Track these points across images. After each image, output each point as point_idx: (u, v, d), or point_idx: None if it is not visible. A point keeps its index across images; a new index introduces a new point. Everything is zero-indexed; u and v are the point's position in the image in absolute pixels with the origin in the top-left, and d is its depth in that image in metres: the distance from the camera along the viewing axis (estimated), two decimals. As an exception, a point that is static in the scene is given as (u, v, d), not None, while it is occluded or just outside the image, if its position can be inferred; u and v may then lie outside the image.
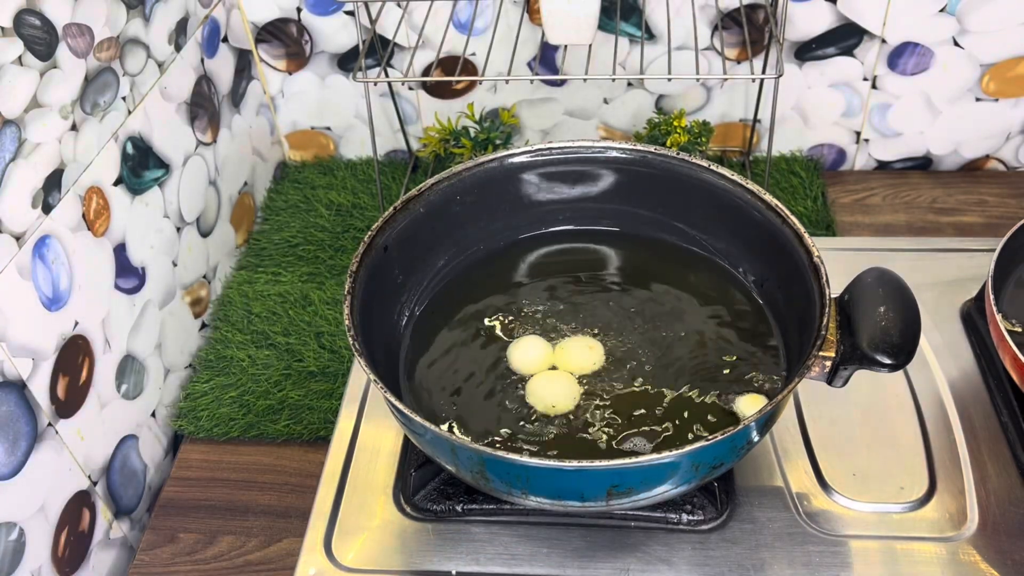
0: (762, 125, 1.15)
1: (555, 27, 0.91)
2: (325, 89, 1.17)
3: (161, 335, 0.93)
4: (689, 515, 0.69)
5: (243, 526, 0.84)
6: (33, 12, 0.72)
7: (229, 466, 0.89)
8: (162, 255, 0.93)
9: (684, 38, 1.06)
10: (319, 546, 0.70)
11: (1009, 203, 1.09)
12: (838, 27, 1.04)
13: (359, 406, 0.81)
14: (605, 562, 0.67)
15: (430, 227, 0.77)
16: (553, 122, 1.18)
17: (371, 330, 0.69)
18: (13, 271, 0.71)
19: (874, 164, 1.17)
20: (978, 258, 0.87)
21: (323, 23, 1.11)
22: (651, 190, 0.79)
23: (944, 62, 1.05)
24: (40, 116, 0.73)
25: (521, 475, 0.59)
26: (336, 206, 1.15)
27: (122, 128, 0.85)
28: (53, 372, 0.75)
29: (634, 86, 1.13)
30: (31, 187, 0.73)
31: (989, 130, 1.11)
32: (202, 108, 1.01)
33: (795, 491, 0.71)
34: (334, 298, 1.02)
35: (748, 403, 0.68)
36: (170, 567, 0.81)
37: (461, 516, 0.71)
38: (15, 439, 0.71)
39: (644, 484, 0.60)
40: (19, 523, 0.71)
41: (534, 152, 0.79)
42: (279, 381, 0.94)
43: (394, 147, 1.23)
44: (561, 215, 0.83)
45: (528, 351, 0.74)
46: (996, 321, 0.75)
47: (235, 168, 1.10)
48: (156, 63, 0.91)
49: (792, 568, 0.66)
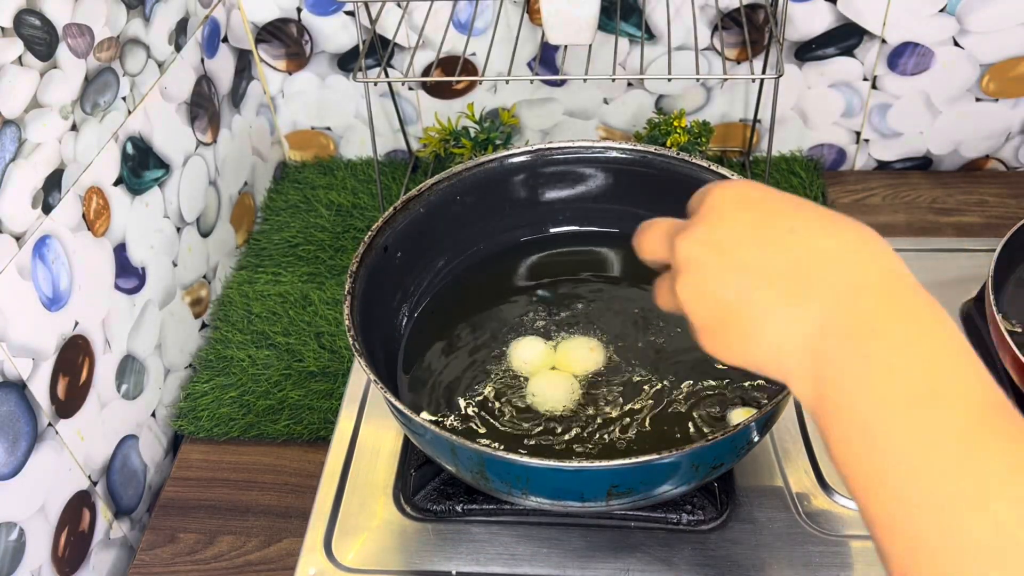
0: (762, 125, 1.15)
1: (555, 27, 0.91)
2: (325, 89, 1.17)
3: (161, 335, 0.93)
4: (689, 515, 0.69)
5: (243, 526, 0.84)
6: (33, 12, 0.72)
7: (229, 466, 0.89)
8: (162, 255, 0.93)
9: (684, 38, 1.06)
10: (319, 546, 0.70)
11: (1009, 203, 1.09)
12: (838, 27, 1.04)
13: (359, 406, 0.81)
14: (605, 562, 0.67)
15: (430, 227, 0.77)
16: (553, 122, 1.18)
17: (371, 330, 0.69)
18: (13, 271, 0.71)
19: (874, 164, 1.17)
20: (978, 258, 0.88)
21: (323, 23, 1.11)
22: (651, 190, 0.79)
23: (944, 62, 1.05)
24: (40, 116, 0.73)
25: (521, 475, 0.59)
26: (336, 206, 1.15)
27: (122, 128, 0.85)
28: (53, 372, 0.75)
29: (634, 86, 1.13)
30: (31, 187, 0.73)
31: (989, 130, 1.11)
32: (202, 108, 1.01)
33: (795, 491, 0.71)
34: (334, 298, 1.02)
35: (742, 415, 0.68)
36: (170, 567, 0.81)
37: (461, 516, 0.71)
38: (15, 439, 0.71)
39: (644, 484, 0.60)
40: (19, 523, 0.71)
41: (534, 152, 0.79)
42: (279, 381, 0.94)
43: (394, 147, 1.23)
44: (561, 215, 0.83)
45: (528, 351, 0.74)
46: (996, 321, 0.75)
47: (235, 168, 1.10)
48: (156, 63, 0.91)
49: (792, 568, 0.66)
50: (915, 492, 0.33)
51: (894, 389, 0.35)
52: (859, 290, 0.38)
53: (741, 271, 0.40)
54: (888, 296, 0.38)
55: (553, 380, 0.72)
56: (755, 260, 0.40)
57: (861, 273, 0.38)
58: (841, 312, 0.37)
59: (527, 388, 0.72)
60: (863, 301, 0.38)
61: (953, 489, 0.33)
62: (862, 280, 0.38)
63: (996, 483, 0.32)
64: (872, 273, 0.39)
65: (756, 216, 0.41)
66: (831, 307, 0.38)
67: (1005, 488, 0.32)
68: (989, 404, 0.35)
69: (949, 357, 0.36)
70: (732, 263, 0.40)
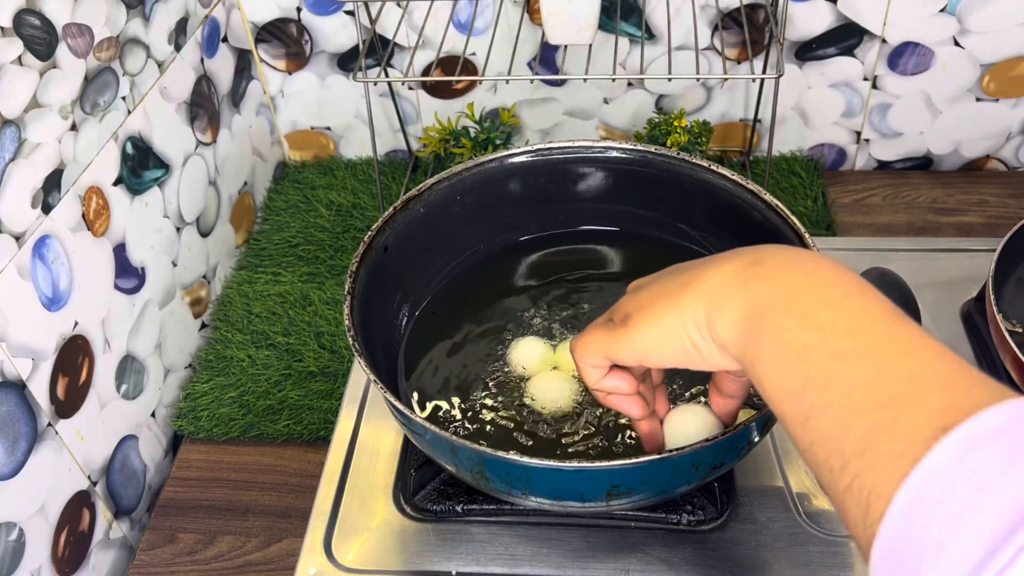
0: (762, 125, 1.15)
1: (555, 27, 0.91)
2: (325, 89, 1.17)
3: (161, 335, 0.93)
4: (689, 515, 0.68)
5: (243, 526, 0.84)
6: (33, 12, 0.72)
7: (229, 466, 0.89)
8: (162, 255, 0.93)
9: (684, 38, 1.06)
10: (319, 546, 0.70)
11: (1009, 203, 1.09)
12: (838, 27, 1.04)
13: (359, 406, 0.81)
14: (605, 563, 0.67)
15: (430, 227, 0.77)
16: (553, 122, 1.18)
17: (371, 330, 0.69)
18: (13, 271, 0.70)
19: (874, 164, 1.17)
20: (978, 258, 0.87)
21: (323, 23, 1.11)
22: (651, 190, 0.79)
23: (944, 62, 1.05)
24: (40, 116, 0.73)
25: (521, 475, 0.59)
26: (336, 206, 1.15)
27: (122, 128, 0.85)
28: (53, 372, 0.75)
29: (634, 86, 1.13)
30: (31, 187, 0.73)
31: (989, 130, 1.11)
32: (202, 108, 1.01)
33: (795, 491, 0.71)
34: (334, 298, 1.02)
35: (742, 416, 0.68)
36: (170, 567, 0.81)
37: (461, 516, 0.71)
38: (15, 439, 0.71)
39: (644, 484, 0.60)
40: (19, 523, 0.71)
41: (534, 152, 0.79)
42: (279, 381, 0.94)
43: (394, 147, 1.23)
44: (561, 215, 0.83)
45: (528, 351, 0.74)
46: (996, 321, 0.75)
47: (235, 168, 1.10)
48: (156, 63, 0.91)
49: (792, 568, 0.66)
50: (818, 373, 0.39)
51: (801, 306, 0.42)
52: (766, 250, 0.47)
53: (670, 275, 0.51)
54: (787, 249, 0.47)
55: (553, 380, 0.72)
56: (675, 272, 0.51)
57: (772, 250, 0.47)
58: (744, 264, 0.46)
59: (527, 388, 0.72)
60: (766, 253, 0.46)
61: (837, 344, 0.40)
62: (774, 251, 0.47)
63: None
64: (770, 249, 0.47)
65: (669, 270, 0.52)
66: (737, 264, 0.46)
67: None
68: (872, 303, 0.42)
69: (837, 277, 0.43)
70: (662, 277, 0.52)
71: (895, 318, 0.40)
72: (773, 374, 0.41)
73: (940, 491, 0.31)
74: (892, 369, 0.37)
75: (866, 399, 0.36)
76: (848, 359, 0.38)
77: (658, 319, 0.49)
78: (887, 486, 0.33)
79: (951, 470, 0.32)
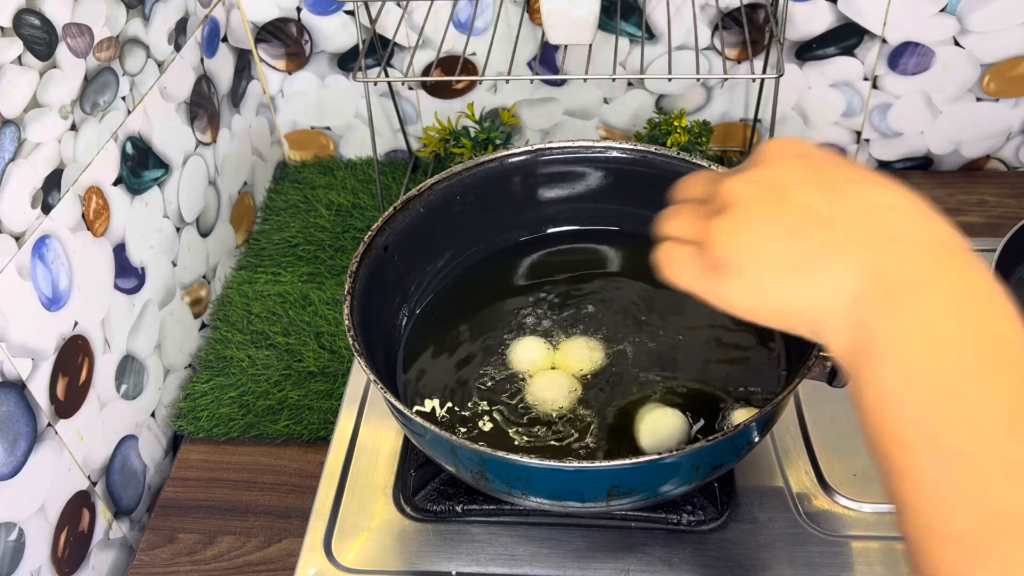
0: (762, 125, 1.15)
1: (555, 27, 0.91)
2: (325, 89, 1.17)
3: (161, 335, 0.93)
4: (689, 515, 0.68)
5: (243, 526, 0.84)
6: (33, 12, 0.72)
7: (229, 466, 0.89)
8: (162, 255, 0.93)
9: (684, 38, 1.06)
10: (319, 546, 0.70)
11: (1009, 203, 1.09)
12: (838, 27, 1.04)
13: (359, 406, 0.81)
14: (605, 563, 0.67)
15: (430, 227, 0.77)
16: (553, 122, 1.18)
17: (371, 330, 0.69)
18: (13, 271, 0.70)
19: (874, 164, 1.17)
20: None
21: (323, 23, 1.11)
22: (651, 190, 0.79)
23: (944, 62, 1.05)
24: (40, 116, 0.73)
25: (521, 475, 0.59)
26: (336, 206, 1.15)
27: (122, 128, 0.85)
28: (53, 372, 0.75)
29: (634, 86, 1.13)
30: (31, 187, 0.72)
31: (989, 130, 1.11)
32: (202, 108, 1.01)
33: (795, 491, 0.71)
34: (334, 298, 1.02)
35: (742, 416, 0.68)
36: (170, 567, 0.81)
37: (461, 516, 0.71)
38: (15, 439, 0.71)
39: (644, 484, 0.60)
40: (19, 523, 0.71)
41: (534, 152, 0.79)
42: (279, 381, 0.94)
43: (394, 147, 1.23)
44: (561, 215, 0.83)
45: (528, 351, 0.74)
46: (997, 321, 0.75)
47: (235, 168, 1.10)
48: (156, 63, 0.91)
49: (793, 568, 0.66)
50: (960, 450, 0.34)
51: (948, 343, 0.36)
52: (917, 245, 0.39)
53: (798, 210, 0.40)
54: (945, 254, 0.39)
55: (553, 380, 0.72)
56: (814, 202, 0.40)
57: (919, 230, 0.40)
58: (897, 263, 0.38)
59: (527, 388, 0.72)
60: (921, 256, 0.38)
61: (999, 454, 0.34)
62: (921, 237, 0.39)
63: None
64: (930, 232, 0.40)
65: (812, 163, 0.42)
66: (887, 257, 0.38)
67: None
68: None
69: (1003, 321, 0.37)
70: (789, 201, 0.41)
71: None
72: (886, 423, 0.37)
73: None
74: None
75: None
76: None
77: (759, 292, 0.41)
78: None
79: None
